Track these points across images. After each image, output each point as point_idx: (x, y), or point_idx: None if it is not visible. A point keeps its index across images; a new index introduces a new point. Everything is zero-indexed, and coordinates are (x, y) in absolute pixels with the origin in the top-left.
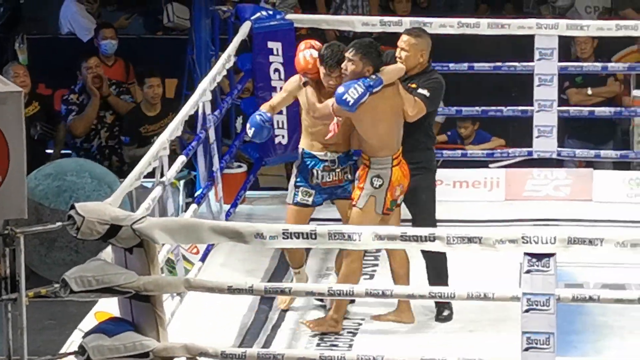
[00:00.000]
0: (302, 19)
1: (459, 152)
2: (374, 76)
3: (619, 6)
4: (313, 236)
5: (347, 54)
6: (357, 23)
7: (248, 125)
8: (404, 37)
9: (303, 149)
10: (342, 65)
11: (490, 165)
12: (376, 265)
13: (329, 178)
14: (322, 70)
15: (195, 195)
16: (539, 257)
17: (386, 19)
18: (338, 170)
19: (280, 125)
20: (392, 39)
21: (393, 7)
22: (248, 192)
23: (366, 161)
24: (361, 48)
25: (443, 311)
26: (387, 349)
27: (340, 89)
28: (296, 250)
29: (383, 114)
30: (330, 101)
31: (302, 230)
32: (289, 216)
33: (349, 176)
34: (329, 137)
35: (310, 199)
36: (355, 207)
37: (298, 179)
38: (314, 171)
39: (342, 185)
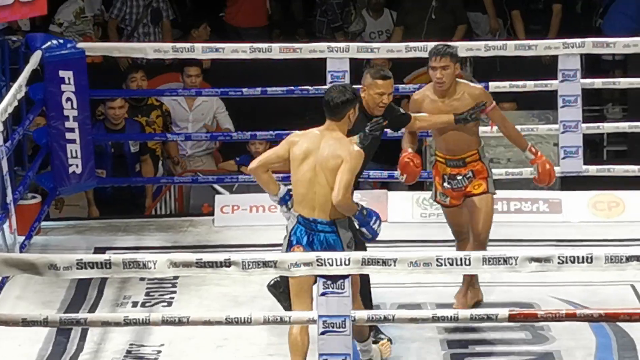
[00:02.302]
0: (93, 47)
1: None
2: None
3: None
4: (108, 266)
5: (435, 64)
6: (150, 50)
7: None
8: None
9: None
10: (438, 75)
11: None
12: (174, 292)
13: None
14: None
15: None
16: (334, 279)
17: (179, 45)
18: None
19: (74, 155)
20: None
21: (196, 34)
22: (43, 223)
23: (477, 154)
24: (448, 50)
25: None
26: None
27: None
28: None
29: None
30: None
31: (97, 260)
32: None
33: None
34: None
35: None
36: (488, 192)
37: None
38: None
39: None
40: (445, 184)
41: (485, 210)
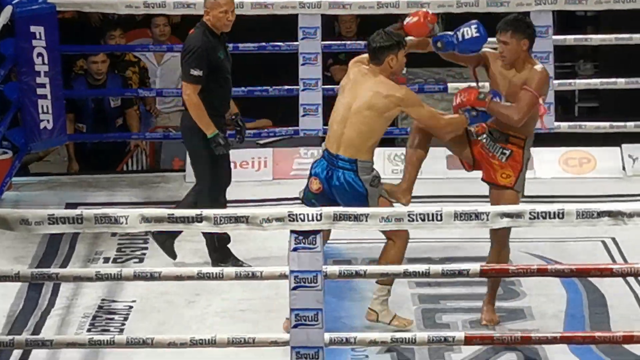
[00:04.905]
0: (64, 3)
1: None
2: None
3: None
4: (79, 221)
5: (498, 37)
6: (121, 5)
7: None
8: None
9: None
10: (499, 49)
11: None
12: (146, 248)
13: None
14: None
15: None
16: (306, 234)
17: (150, 0)
18: None
19: (45, 110)
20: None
21: None
22: (15, 178)
23: (520, 142)
24: (510, 25)
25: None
26: (157, 331)
27: None
28: None
29: None
30: None
31: (68, 215)
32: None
33: None
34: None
35: None
36: (511, 189)
37: None
38: None
39: None
40: (482, 137)
41: None
